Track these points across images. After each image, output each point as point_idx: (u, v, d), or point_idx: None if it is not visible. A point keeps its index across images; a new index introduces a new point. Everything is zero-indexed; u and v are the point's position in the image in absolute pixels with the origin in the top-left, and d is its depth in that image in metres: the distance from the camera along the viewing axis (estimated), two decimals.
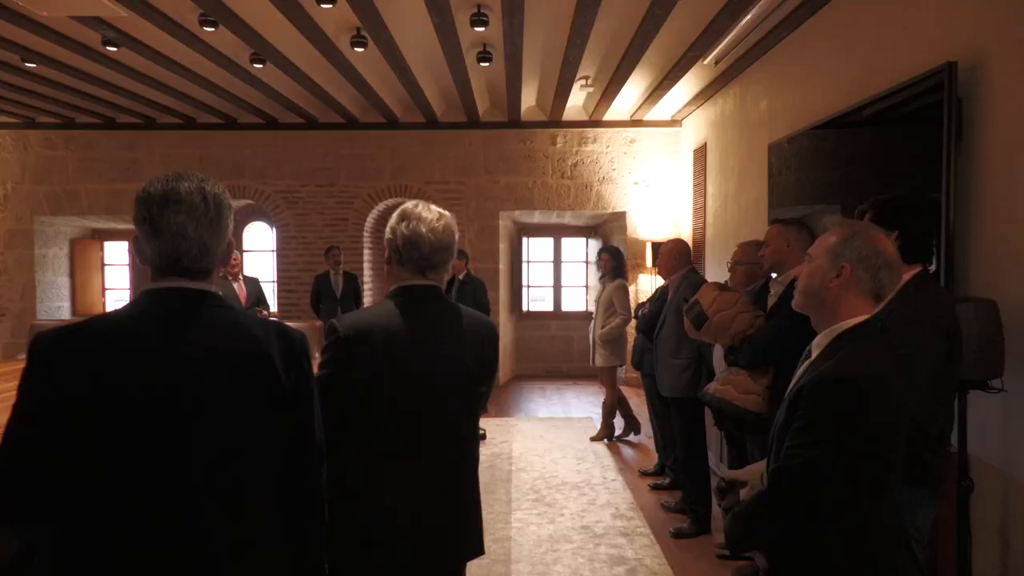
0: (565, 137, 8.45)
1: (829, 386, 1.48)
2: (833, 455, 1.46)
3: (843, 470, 1.46)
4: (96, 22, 4.92)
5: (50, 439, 1.21)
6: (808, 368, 1.61)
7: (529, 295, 9.91)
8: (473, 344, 1.76)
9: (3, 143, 8.51)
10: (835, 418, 1.46)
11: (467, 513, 1.80)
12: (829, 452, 1.46)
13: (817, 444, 1.46)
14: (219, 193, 1.36)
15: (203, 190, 1.33)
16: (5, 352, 8.01)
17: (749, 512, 1.59)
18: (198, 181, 1.34)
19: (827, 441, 1.46)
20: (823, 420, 1.47)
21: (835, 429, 1.46)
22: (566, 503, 4.47)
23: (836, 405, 1.46)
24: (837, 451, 1.46)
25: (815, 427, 1.47)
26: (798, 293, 1.68)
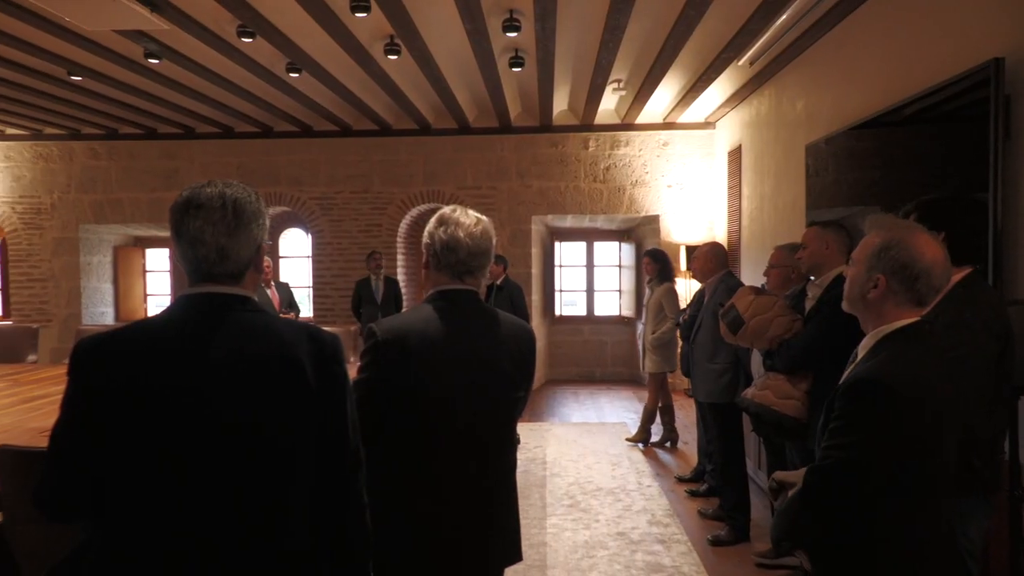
0: (597, 141, 8.43)
1: (861, 387, 1.48)
2: (866, 457, 1.45)
3: (877, 473, 1.45)
4: (138, 35, 5.05)
5: (91, 440, 1.25)
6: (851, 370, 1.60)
7: (561, 299, 9.88)
8: (511, 349, 1.76)
9: (50, 154, 8.78)
10: (868, 419, 1.46)
11: (505, 519, 1.79)
12: (862, 454, 1.45)
13: (851, 446, 1.46)
14: (241, 198, 1.36)
15: (224, 195, 1.34)
16: (52, 356, 8.24)
17: (789, 511, 1.60)
18: (222, 187, 1.35)
19: (861, 443, 1.46)
20: (856, 421, 1.47)
21: (868, 430, 1.46)
22: (601, 509, 4.44)
23: (868, 406, 1.46)
24: (871, 453, 1.45)
25: (849, 428, 1.47)
26: (843, 298, 1.69)
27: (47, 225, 8.79)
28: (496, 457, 1.76)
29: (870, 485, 1.46)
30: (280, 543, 1.33)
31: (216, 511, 1.27)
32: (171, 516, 1.26)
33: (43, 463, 1.29)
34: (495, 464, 1.76)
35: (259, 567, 1.31)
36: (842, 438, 1.47)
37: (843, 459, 1.46)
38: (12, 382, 4.54)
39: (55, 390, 4.24)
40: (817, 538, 1.58)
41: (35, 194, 8.79)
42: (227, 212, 1.34)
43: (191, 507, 1.26)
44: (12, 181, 8.80)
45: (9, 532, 2.13)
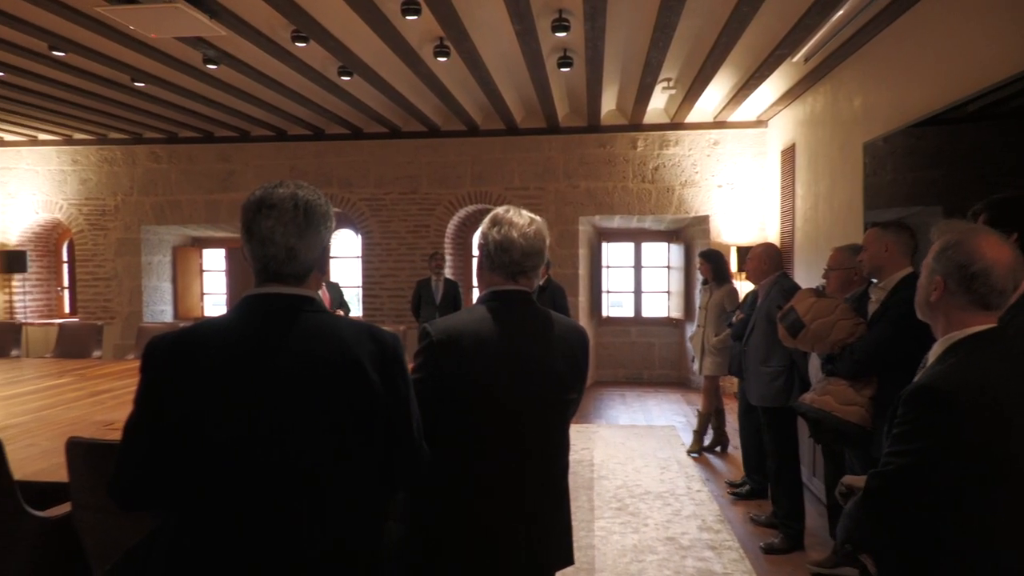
0: (646, 140, 8.34)
1: (923, 394, 1.47)
2: (928, 464, 1.44)
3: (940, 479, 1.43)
4: (197, 41, 5.20)
5: (161, 435, 1.29)
6: None
7: (608, 301, 9.81)
8: (564, 350, 1.75)
9: (114, 157, 9.13)
10: (930, 426, 1.44)
11: (557, 521, 1.78)
12: (924, 460, 1.44)
13: (913, 452, 1.45)
14: (313, 200, 1.39)
15: (296, 196, 1.37)
16: (115, 352, 8.56)
17: (852, 515, 1.59)
18: (294, 188, 1.39)
19: (922, 450, 1.44)
20: (918, 428, 1.46)
21: (930, 438, 1.44)
22: (650, 513, 4.39)
23: (930, 413, 1.45)
24: (933, 460, 1.44)
25: (911, 434, 1.46)
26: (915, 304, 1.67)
27: (111, 226, 9.14)
28: (548, 459, 1.75)
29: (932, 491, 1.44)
30: (345, 539, 1.36)
31: (280, 507, 1.30)
32: (237, 510, 1.29)
33: (116, 456, 1.33)
34: (547, 466, 1.75)
35: (323, 563, 1.33)
36: (904, 444, 1.47)
37: (904, 465, 1.46)
38: (79, 377, 4.73)
39: (118, 384, 4.41)
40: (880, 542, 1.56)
41: (100, 196, 9.15)
42: (298, 213, 1.37)
43: (257, 501, 1.29)
44: (79, 184, 9.18)
45: (78, 520, 2.21)
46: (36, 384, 4.47)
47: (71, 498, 2.21)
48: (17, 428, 3.23)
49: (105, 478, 2.06)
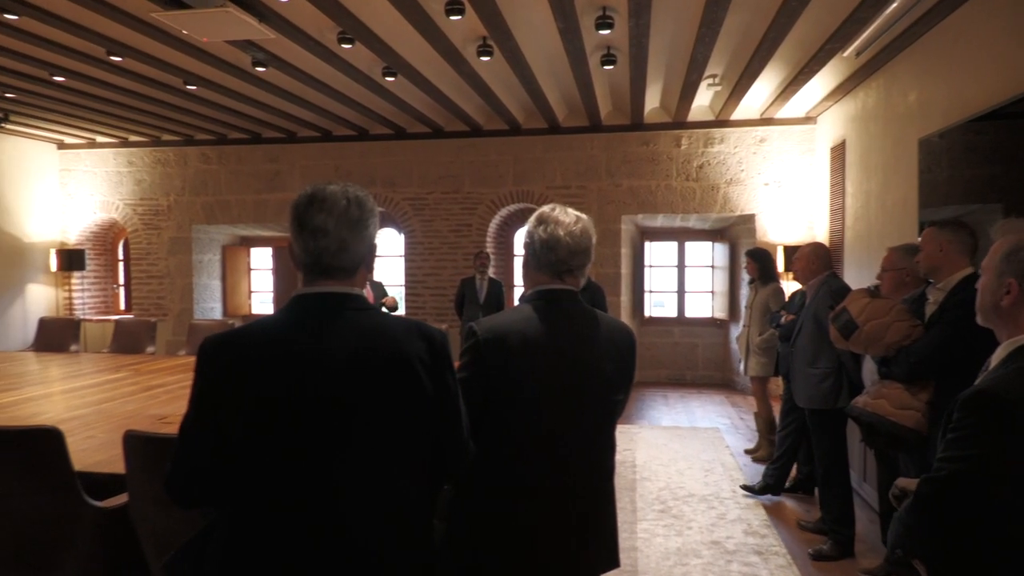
0: (690, 138, 8.23)
1: (980, 399, 1.42)
2: (982, 471, 1.40)
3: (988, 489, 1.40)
4: (247, 44, 5.32)
5: (216, 433, 1.32)
6: None
7: (651, 300, 9.71)
8: (610, 350, 1.73)
9: (167, 159, 9.40)
10: (985, 433, 1.41)
11: (603, 524, 1.76)
12: (978, 468, 1.40)
13: (966, 459, 1.41)
14: (363, 196, 1.43)
15: (347, 192, 1.41)
16: (168, 348, 8.81)
17: (904, 520, 1.56)
18: (344, 185, 1.42)
19: (977, 457, 1.41)
20: (973, 434, 1.42)
21: (985, 445, 1.40)
22: (694, 516, 4.33)
23: (986, 420, 1.41)
24: (986, 468, 1.40)
25: (965, 440, 1.43)
26: (976, 309, 1.62)
27: (164, 225, 9.42)
28: (594, 461, 1.74)
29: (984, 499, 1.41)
30: (396, 535, 1.37)
31: (332, 503, 1.32)
32: (290, 506, 1.31)
33: (172, 454, 1.37)
34: (593, 467, 1.74)
35: (374, 558, 1.34)
36: (958, 450, 1.43)
37: (957, 471, 1.42)
38: (134, 371, 4.88)
39: (171, 380, 4.54)
40: (932, 549, 1.53)
41: (153, 197, 9.44)
42: (350, 207, 1.40)
43: (310, 498, 1.31)
44: (134, 185, 9.48)
45: (134, 511, 2.28)
46: (94, 378, 4.63)
47: (128, 489, 2.28)
48: (77, 421, 3.34)
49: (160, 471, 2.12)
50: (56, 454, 2.26)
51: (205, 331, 6.23)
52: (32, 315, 9.10)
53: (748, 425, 6.72)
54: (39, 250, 9.42)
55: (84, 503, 2.31)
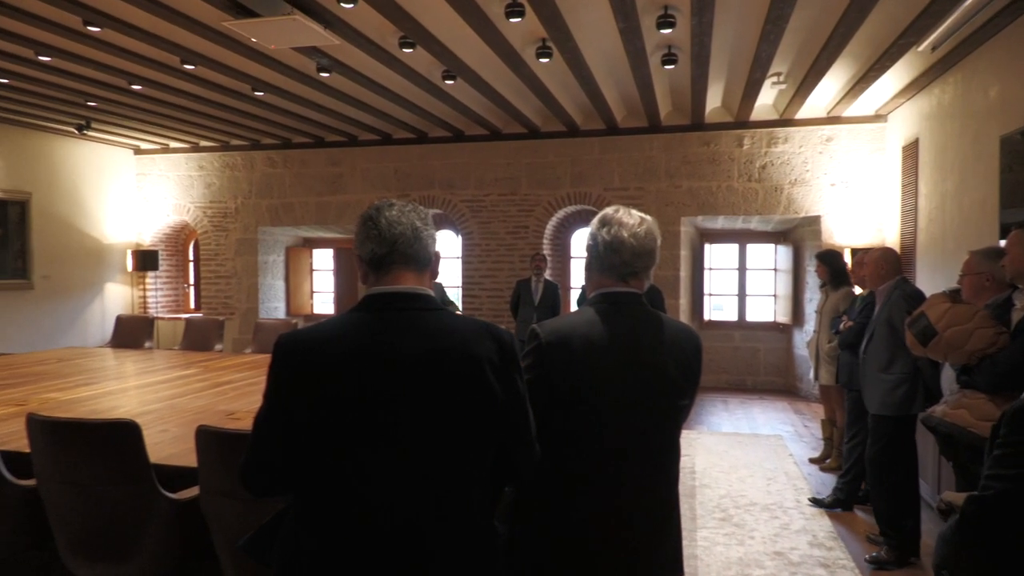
0: (752, 138, 8.04)
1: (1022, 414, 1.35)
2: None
3: None
4: (312, 51, 5.46)
5: (289, 428, 1.36)
6: None
7: (710, 303, 9.53)
8: (676, 354, 1.69)
9: (235, 163, 9.73)
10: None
11: (667, 531, 1.72)
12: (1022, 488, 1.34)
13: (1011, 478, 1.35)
14: (421, 208, 1.53)
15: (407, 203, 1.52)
16: (234, 346, 9.11)
17: (948, 539, 1.50)
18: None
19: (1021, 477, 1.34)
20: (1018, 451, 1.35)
21: None
22: (756, 525, 4.22)
23: None
24: None
25: (1010, 458, 1.37)
26: None
27: (231, 227, 9.75)
28: (659, 466, 1.70)
29: None
30: (461, 534, 1.38)
31: (396, 498, 1.34)
32: (358, 501, 1.34)
33: (246, 447, 1.41)
34: (658, 474, 1.70)
35: (439, 555, 1.36)
36: (1004, 468, 1.37)
37: (1004, 491, 1.36)
38: (203, 368, 5.05)
39: (238, 377, 4.68)
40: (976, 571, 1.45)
41: (222, 199, 9.78)
42: (416, 209, 1.49)
43: (374, 493, 1.34)
44: (204, 188, 9.84)
45: (205, 503, 2.36)
46: (166, 374, 4.82)
47: (199, 482, 2.36)
48: (151, 415, 3.48)
49: (230, 465, 2.19)
50: (134, 446, 2.36)
51: (270, 330, 6.41)
52: (110, 313, 9.54)
53: (813, 433, 6.51)
54: (117, 251, 9.87)
55: (159, 494, 2.40)
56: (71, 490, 2.41)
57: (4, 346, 7.04)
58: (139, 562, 2.46)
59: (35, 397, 3.93)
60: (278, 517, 1.49)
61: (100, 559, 2.48)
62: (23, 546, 2.74)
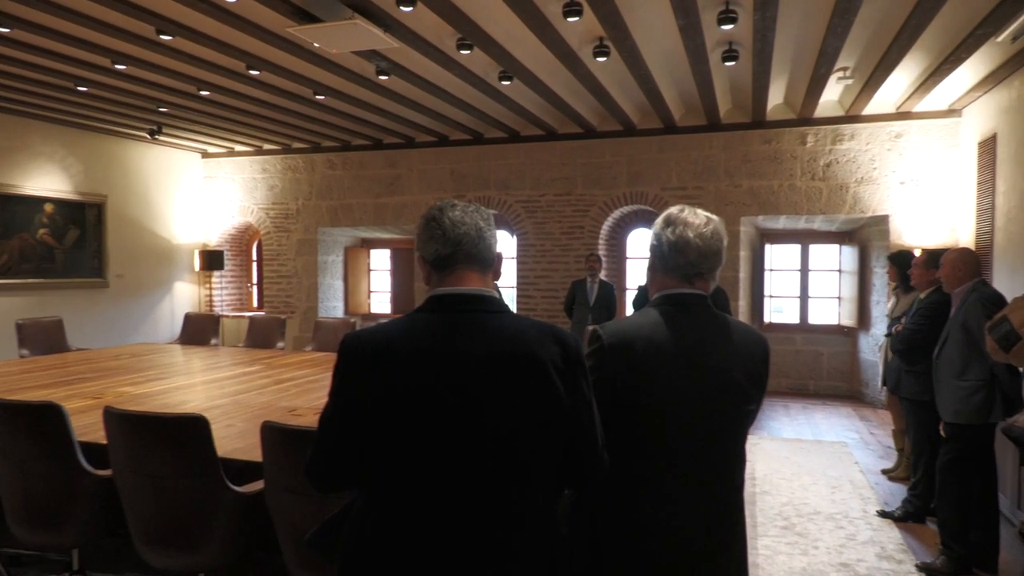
0: (816, 135, 7.79)
1: None
2: None
3: None
4: (372, 54, 5.54)
5: (354, 427, 1.38)
6: None
7: (771, 305, 9.28)
8: (743, 358, 1.65)
9: (296, 165, 9.98)
10: None
11: (731, 540, 1.68)
12: None
13: None
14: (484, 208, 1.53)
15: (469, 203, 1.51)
16: (295, 344, 9.34)
17: None
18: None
19: None
20: None
21: None
22: (820, 535, 4.08)
23: None
24: None
25: None
26: None
27: (292, 228, 10.00)
28: (724, 473, 1.66)
29: None
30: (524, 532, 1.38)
31: (458, 499, 1.34)
32: (421, 499, 1.35)
33: (312, 443, 1.44)
34: (723, 480, 1.66)
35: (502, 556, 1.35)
36: None
37: None
38: (266, 365, 5.20)
39: (299, 374, 4.79)
40: None
41: (284, 201, 10.04)
42: (479, 209, 1.49)
43: (436, 493, 1.34)
44: (267, 190, 10.13)
45: (269, 498, 2.42)
46: (231, 371, 4.97)
47: (264, 477, 2.42)
48: (218, 410, 3.59)
49: (294, 460, 2.24)
50: (203, 440, 2.44)
51: (329, 329, 6.54)
52: (179, 310, 9.91)
53: (880, 441, 6.28)
54: (185, 251, 10.25)
55: (226, 487, 2.48)
56: (144, 481, 2.50)
57: (82, 341, 7.39)
58: (207, 552, 2.54)
59: (110, 391, 4.11)
60: (343, 512, 1.51)
61: (170, 547, 2.57)
62: (100, 533, 2.86)
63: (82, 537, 2.83)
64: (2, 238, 7.84)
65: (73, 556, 3.12)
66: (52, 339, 6.23)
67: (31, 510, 2.76)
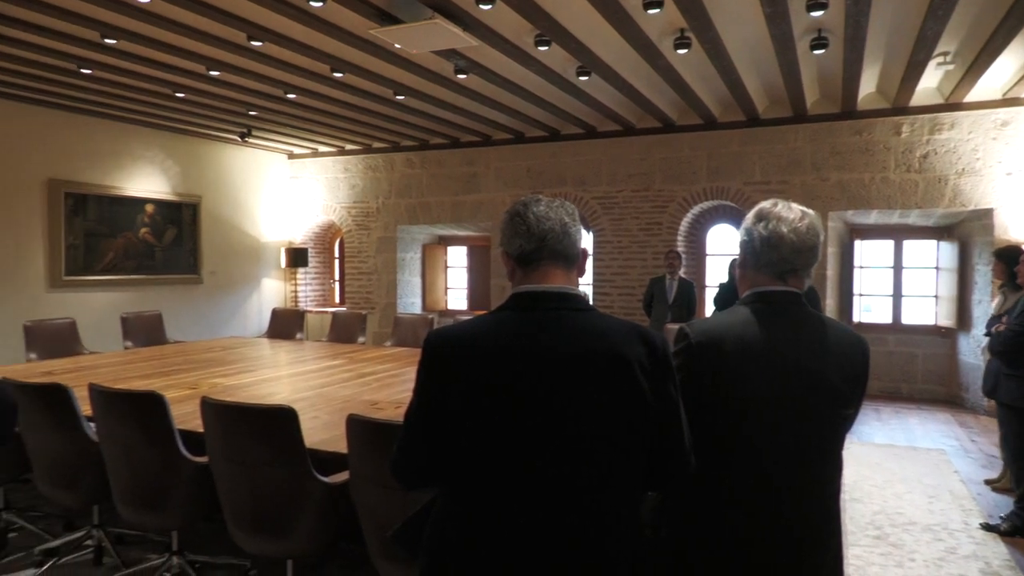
0: (912, 125, 7.37)
1: None
2: None
3: None
4: (450, 53, 5.61)
5: (438, 423, 1.38)
6: None
7: (860, 304, 8.86)
8: (840, 360, 1.56)
9: (377, 165, 10.22)
10: None
11: (825, 550, 1.59)
12: None
13: None
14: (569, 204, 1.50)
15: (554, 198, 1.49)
16: (375, 339, 9.58)
17: None
18: None
19: None
20: None
21: None
22: (916, 547, 3.87)
23: None
24: None
25: None
26: None
27: (373, 226, 10.26)
28: (819, 480, 1.58)
29: None
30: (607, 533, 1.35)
31: (540, 498, 1.33)
32: (503, 498, 1.34)
33: (397, 440, 1.46)
34: (816, 486, 1.58)
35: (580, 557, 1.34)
36: None
37: None
38: (348, 359, 5.34)
39: (379, 368, 4.90)
40: None
41: (365, 200, 10.31)
42: (563, 204, 1.47)
43: (518, 492, 1.34)
44: (349, 189, 10.43)
45: (354, 489, 2.48)
46: (316, 364, 5.14)
47: (349, 468, 2.48)
48: (304, 402, 3.72)
49: (377, 453, 2.28)
50: (292, 431, 2.52)
51: (408, 325, 6.67)
52: (266, 306, 10.34)
53: (982, 449, 5.89)
54: (272, 249, 10.67)
55: (313, 477, 2.55)
56: (237, 468, 2.61)
57: (179, 334, 7.81)
58: (294, 539, 2.63)
59: (205, 381, 4.32)
60: (426, 509, 1.52)
61: (260, 533, 2.67)
62: (197, 517, 3.01)
63: (181, 520, 2.98)
64: (108, 237, 8.37)
65: (173, 537, 3.30)
66: (152, 332, 6.61)
67: (136, 493, 2.93)
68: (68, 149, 7.91)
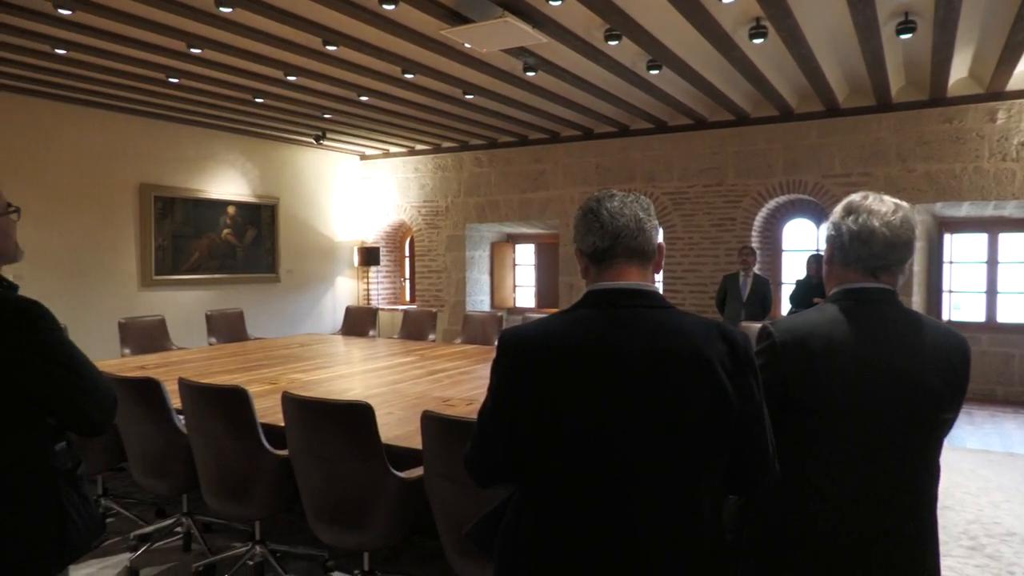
0: (1009, 111, 6.92)
1: None
2: None
3: None
4: (520, 51, 5.60)
5: (511, 421, 1.37)
6: None
7: (950, 302, 8.38)
8: (938, 361, 1.47)
9: (446, 164, 10.34)
10: None
11: (921, 560, 1.51)
12: None
13: None
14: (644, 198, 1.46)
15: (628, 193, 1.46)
16: (445, 336, 9.70)
17: None
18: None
19: None
20: None
21: None
22: (1016, 559, 3.63)
23: None
24: None
25: None
26: None
27: (442, 225, 10.39)
28: (913, 486, 1.50)
29: None
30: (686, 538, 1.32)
31: (617, 499, 1.31)
32: (574, 496, 1.33)
33: (471, 437, 1.46)
34: (910, 494, 1.50)
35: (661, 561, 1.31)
36: None
37: None
38: (420, 357, 5.42)
39: (450, 366, 4.95)
40: None
41: (434, 199, 10.45)
42: (638, 199, 1.44)
43: (594, 492, 1.31)
44: (418, 189, 10.59)
45: (428, 484, 2.51)
46: (388, 361, 5.24)
47: (424, 464, 2.51)
48: (378, 398, 3.79)
49: (451, 449, 2.30)
50: (368, 427, 2.57)
51: (477, 322, 6.72)
52: (340, 303, 10.62)
53: None
54: (345, 248, 10.95)
55: (389, 472, 2.60)
56: (316, 462, 2.69)
57: (259, 331, 8.11)
58: (371, 532, 2.69)
59: (283, 377, 4.47)
60: (500, 507, 1.51)
61: (338, 525, 2.74)
62: (277, 508, 3.11)
63: (263, 510, 3.09)
64: (193, 238, 8.77)
65: (255, 527, 3.42)
66: (235, 328, 6.89)
67: (221, 483, 3.05)
68: (157, 155, 8.33)
